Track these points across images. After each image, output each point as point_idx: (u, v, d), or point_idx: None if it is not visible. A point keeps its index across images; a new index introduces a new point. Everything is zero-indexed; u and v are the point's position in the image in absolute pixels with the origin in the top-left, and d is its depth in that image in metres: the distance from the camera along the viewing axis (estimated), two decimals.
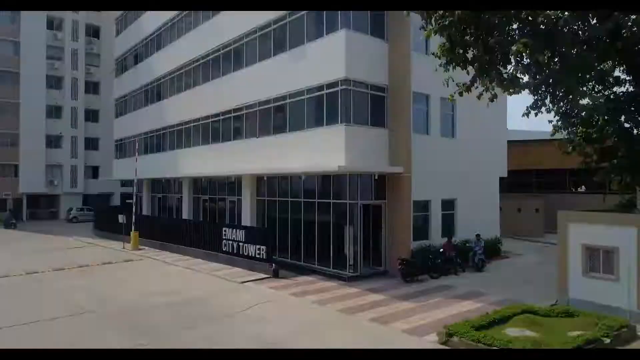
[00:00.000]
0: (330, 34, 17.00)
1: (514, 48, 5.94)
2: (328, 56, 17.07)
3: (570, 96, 7.96)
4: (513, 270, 18.54)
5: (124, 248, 24.65)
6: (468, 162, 20.37)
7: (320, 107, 17.55)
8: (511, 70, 6.29)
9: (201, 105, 25.21)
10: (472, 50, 7.09)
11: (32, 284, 16.32)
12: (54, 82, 45.08)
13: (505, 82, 6.50)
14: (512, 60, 6.18)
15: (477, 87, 7.43)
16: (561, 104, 8.30)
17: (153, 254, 22.89)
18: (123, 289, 15.55)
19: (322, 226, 18.23)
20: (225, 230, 19.75)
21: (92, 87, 47.66)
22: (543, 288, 15.04)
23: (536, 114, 8.90)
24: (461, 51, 7.09)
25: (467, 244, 19.22)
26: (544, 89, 7.24)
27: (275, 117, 19.87)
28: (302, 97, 18.28)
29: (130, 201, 30.44)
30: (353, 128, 16.54)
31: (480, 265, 18.27)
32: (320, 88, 17.43)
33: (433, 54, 7.66)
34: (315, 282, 16.37)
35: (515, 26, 6.27)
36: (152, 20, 31.19)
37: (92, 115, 47.46)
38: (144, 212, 32.85)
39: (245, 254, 18.53)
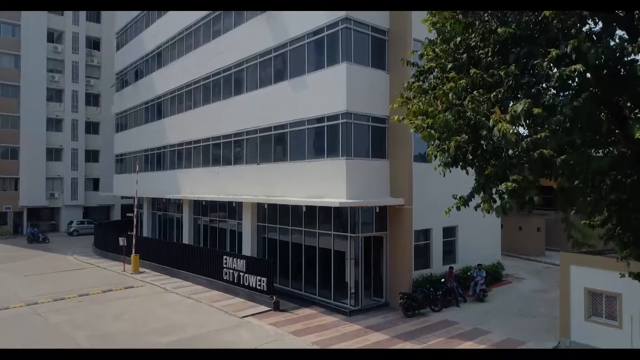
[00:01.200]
0: (331, 66, 16.94)
1: (504, 186, 5.94)
2: (329, 88, 17.01)
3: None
4: (514, 300, 18.45)
5: (124, 270, 24.60)
6: (469, 188, 20.23)
7: (321, 138, 17.49)
8: (506, 202, 6.25)
9: (202, 127, 25.16)
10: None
11: (31, 319, 16.25)
12: (54, 95, 45.04)
13: (496, 208, 6.50)
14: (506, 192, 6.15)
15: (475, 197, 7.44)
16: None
17: (153, 278, 22.83)
18: (123, 325, 15.48)
19: (324, 255, 18.18)
20: (225, 259, 19.69)
21: (93, 99, 47.59)
22: (546, 323, 15.01)
23: None
24: (461, 156, 7.07)
25: (469, 272, 19.18)
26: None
27: (276, 144, 19.81)
28: (303, 127, 18.21)
29: (131, 215, 30.46)
30: (354, 161, 16.47)
31: (481, 296, 18.20)
32: (320, 120, 17.37)
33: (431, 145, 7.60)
34: (316, 317, 16.30)
35: (511, 153, 6.23)
36: (153, 37, 31.16)
37: (92, 127, 47.39)
38: (145, 229, 32.81)
39: (246, 284, 18.46)
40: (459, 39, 6.97)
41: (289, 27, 18.95)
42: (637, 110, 5.95)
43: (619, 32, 5.92)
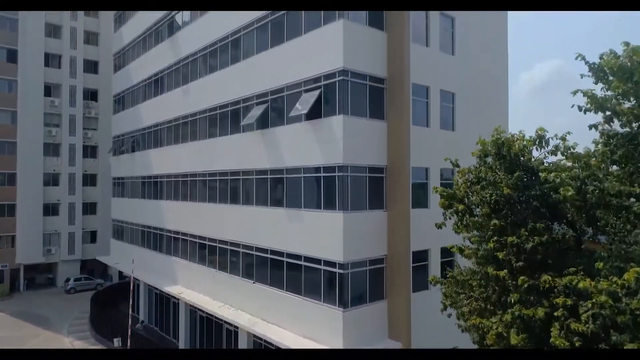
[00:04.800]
0: (327, 210, 16.64)
1: None
2: (325, 233, 16.68)
3: None
4: None
5: None
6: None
7: (317, 280, 17.15)
8: None
9: (199, 224, 24.86)
10: None
11: None
12: (51, 149, 44.72)
13: None
14: None
15: None
16: None
17: None
18: None
19: None
20: None
21: (90, 151, 47.27)
22: None
23: None
24: None
25: None
26: None
27: (273, 269, 19.45)
28: (299, 262, 17.90)
29: (127, 278, 29.69)
30: (351, 312, 16.16)
31: None
32: (316, 261, 17.07)
33: None
34: None
35: None
36: (151, 114, 30.93)
37: (89, 180, 47.06)
38: (142, 304, 32.40)
39: None
40: None
41: (284, 156, 18.67)
42: None
43: None
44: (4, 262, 42.40)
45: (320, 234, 16.86)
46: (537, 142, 8.89)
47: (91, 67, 47.53)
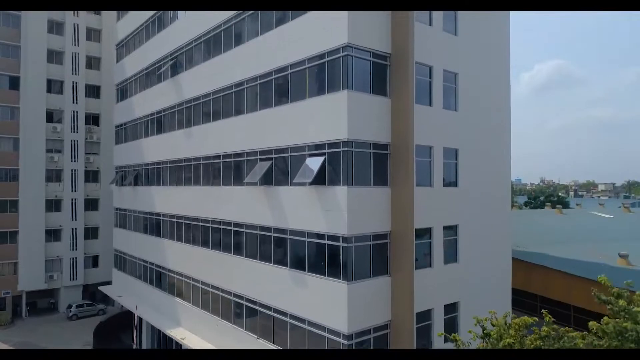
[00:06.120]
0: (332, 278, 16.66)
1: None
2: (329, 299, 16.73)
3: None
4: None
5: None
6: None
7: (321, 344, 17.18)
8: None
9: (200, 271, 24.92)
10: None
11: None
12: (53, 176, 44.74)
13: None
14: None
15: None
16: None
17: None
18: None
19: None
20: None
21: (92, 176, 47.30)
22: None
23: None
24: None
25: None
26: None
27: (276, 327, 19.50)
28: (304, 327, 17.93)
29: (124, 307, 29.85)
30: None
31: None
32: (321, 328, 17.10)
33: None
34: None
35: None
36: (152, 152, 30.97)
37: (91, 204, 47.07)
38: (144, 336, 32.46)
39: None
40: None
41: (288, 217, 18.71)
42: None
43: None
44: (7, 289, 42.38)
45: (323, 302, 16.90)
46: (544, 338, 8.91)
47: (93, 91, 47.56)
